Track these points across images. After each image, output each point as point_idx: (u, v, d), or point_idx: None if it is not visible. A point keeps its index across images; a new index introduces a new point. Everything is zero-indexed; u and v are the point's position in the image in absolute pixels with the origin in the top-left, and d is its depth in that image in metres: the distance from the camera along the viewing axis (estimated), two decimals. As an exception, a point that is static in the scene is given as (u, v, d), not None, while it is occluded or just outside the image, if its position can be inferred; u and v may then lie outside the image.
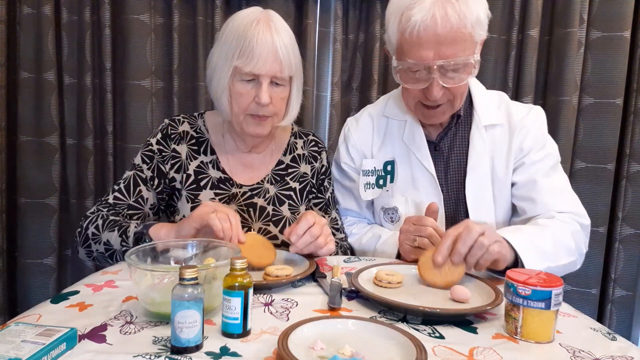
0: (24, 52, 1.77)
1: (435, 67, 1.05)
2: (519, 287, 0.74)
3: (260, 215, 1.19)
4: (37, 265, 1.84)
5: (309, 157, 1.28)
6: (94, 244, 1.07)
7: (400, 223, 1.24)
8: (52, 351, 0.61)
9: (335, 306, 0.82)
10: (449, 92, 1.10)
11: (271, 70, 1.08)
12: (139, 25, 1.78)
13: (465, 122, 1.23)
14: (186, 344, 0.65)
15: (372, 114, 1.33)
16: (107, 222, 1.08)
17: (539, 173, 1.17)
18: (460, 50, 1.04)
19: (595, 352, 0.71)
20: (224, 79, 1.10)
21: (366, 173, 1.28)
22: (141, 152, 1.20)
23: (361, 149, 1.30)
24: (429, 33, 1.02)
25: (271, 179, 1.23)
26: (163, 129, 1.21)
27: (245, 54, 1.07)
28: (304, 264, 1.01)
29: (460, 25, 1.02)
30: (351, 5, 1.83)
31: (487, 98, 1.25)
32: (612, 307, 1.83)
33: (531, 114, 1.21)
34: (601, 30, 1.73)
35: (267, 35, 1.07)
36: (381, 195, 1.27)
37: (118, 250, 1.05)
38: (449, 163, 1.23)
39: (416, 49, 1.05)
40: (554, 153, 1.21)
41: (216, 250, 0.90)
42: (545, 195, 1.16)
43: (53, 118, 1.80)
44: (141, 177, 1.18)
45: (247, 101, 1.11)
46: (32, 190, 1.83)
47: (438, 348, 0.70)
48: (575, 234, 1.13)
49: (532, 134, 1.19)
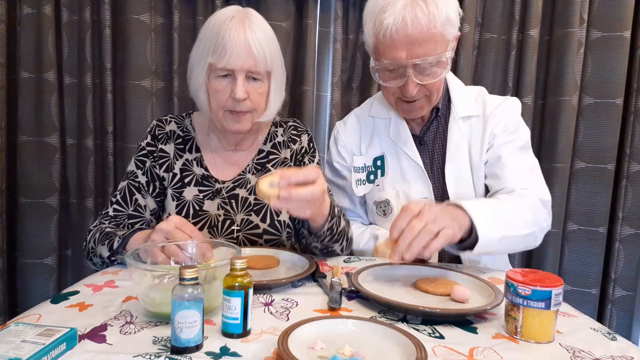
0: (24, 52, 1.77)
1: (409, 66, 1.10)
2: (519, 287, 0.74)
3: (243, 206, 1.18)
4: (37, 265, 1.84)
5: (288, 142, 1.27)
6: (94, 257, 1.08)
7: (393, 216, 1.27)
8: (52, 351, 0.61)
9: (335, 306, 0.82)
10: (424, 88, 1.16)
11: (245, 64, 1.08)
12: (139, 25, 1.78)
13: (444, 115, 1.28)
14: (186, 344, 0.65)
15: (359, 115, 1.40)
16: (102, 235, 1.07)
17: (504, 150, 1.21)
18: (432, 50, 1.09)
19: (595, 352, 0.71)
20: (200, 76, 1.11)
21: (357, 170, 1.33)
22: (134, 158, 1.20)
23: (350, 148, 1.36)
24: (400, 35, 1.08)
25: (252, 169, 1.23)
26: (151, 130, 1.22)
27: (218, 50, 1.07)
28: (304, 264, 1.01)
29: (430, 26, 1.07)
30: (351, 5, 1.83)
31: (465, 92, 1.30)
32: (612, 307, 1.83)
33: (505, 103, 1.26)
34: (601, 30, 1.73)
35: (239, 31, 1.07)
36: (373, 190, 1.32)
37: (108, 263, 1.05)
38: (433, 154, 1.28)
39: (390, 50, 1.11)
40: (524, 137, 1.25)
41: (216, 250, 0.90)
42: (509, 171, 1.19)
43: (53, 118, 1.80)
44: (135, 185, 1.18)
45: (224, 97, 1.11)
46: (32, 190, 1.83)
47: (438, 348, 0.70)
48: (535, 208, 1.13)
49: (504, 120, 1.24)
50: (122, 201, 1.17)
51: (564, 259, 1.83)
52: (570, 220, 1.82)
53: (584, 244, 1.81)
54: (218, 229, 1.15)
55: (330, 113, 1.88)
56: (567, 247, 1.82)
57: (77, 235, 1.90)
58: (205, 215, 1.15)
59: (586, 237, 1.81)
